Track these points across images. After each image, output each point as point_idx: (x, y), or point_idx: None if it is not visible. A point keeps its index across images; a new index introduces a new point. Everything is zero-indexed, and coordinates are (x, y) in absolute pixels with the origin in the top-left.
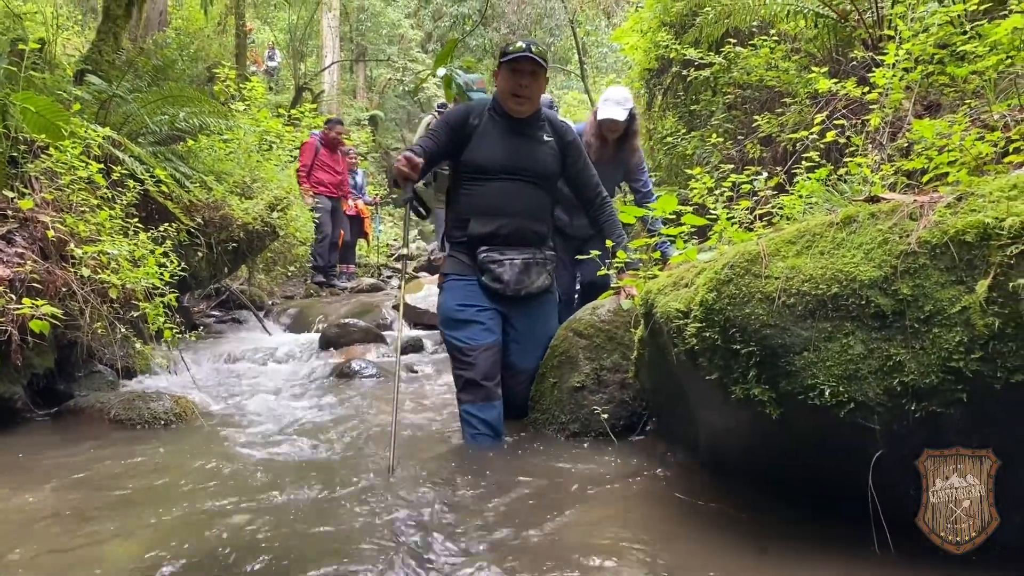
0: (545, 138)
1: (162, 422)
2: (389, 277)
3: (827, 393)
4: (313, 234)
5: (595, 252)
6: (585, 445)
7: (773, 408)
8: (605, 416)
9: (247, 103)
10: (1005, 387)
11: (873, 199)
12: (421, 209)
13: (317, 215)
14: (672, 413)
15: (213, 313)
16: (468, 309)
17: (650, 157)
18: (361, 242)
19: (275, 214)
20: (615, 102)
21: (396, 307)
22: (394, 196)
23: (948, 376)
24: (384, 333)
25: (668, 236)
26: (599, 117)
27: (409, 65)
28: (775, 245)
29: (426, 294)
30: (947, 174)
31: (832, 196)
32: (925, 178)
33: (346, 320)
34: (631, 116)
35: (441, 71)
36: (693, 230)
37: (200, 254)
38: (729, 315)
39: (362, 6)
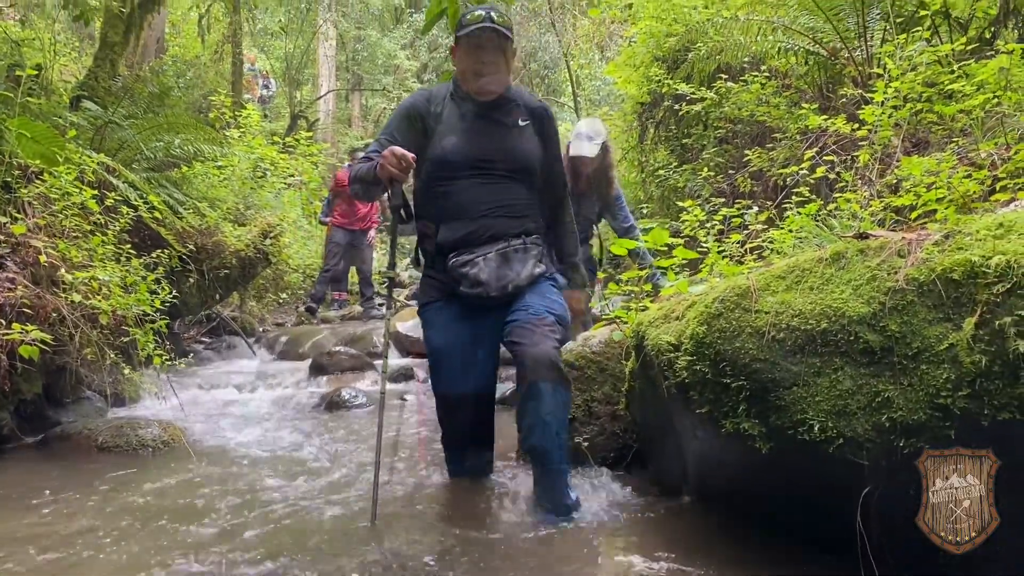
0: (520, 122)
1: (150, 449)
2: (381, 305)
3: (816, 428)
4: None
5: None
6: (576, 476)
7: (763, 442)
8: (586, 445)
9: (242, 130)
10: (992, 424)
11: (862, 235)
12: (404, 214)
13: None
14: (662, 445)
15: (203, 339)
16: (452, 347)
17: (642, 189)
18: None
19: (268, 241)
20: (585, 136)
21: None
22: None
23: (936, 413)
24: (375, 361)
25: (660, 268)
26: (570, 154)
27: (404, 95)
28: (765, 280)
29: (416, 322)
30: (935, 211)
31: (821, 232)
32: (914, 215)
33: (336, 348)
34: (604, 149)
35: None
36: (684, 262)
37: (191, 280)
38: (719, 349)
39: (359, 36)
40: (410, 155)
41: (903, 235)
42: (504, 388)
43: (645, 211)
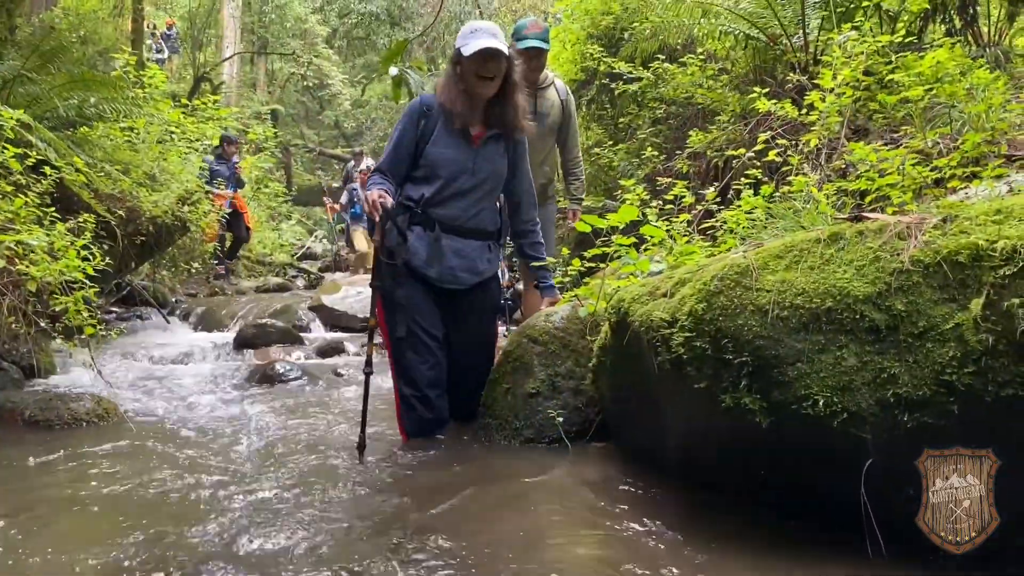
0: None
1: (83, 423)
2: (295, 277)
3: (820, 403)
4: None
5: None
6: (542, 449)
7: (763, 417)
8: (560, 420)
9: (147, 92)
10: (995, 400)
11: (857, 218)
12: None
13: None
14: (635, 420)
15: (113, 310)
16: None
17: None
18: (269, 237)
19: (186, 208)
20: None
21: (312, 308)
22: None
23: (941, 389)
24: (303, 335)
25: (621, 245)
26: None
27: (314, 60)
28: (763, 259)
29: (344, 295)
30: (888, 196)
31: (785, 213)
32: (867, 199)
33: (263, 320)
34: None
35: (392, 70)
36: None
37: (105, 247)
38: (721, 326)
39: None
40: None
41: (898, 218)
42: None
43: None
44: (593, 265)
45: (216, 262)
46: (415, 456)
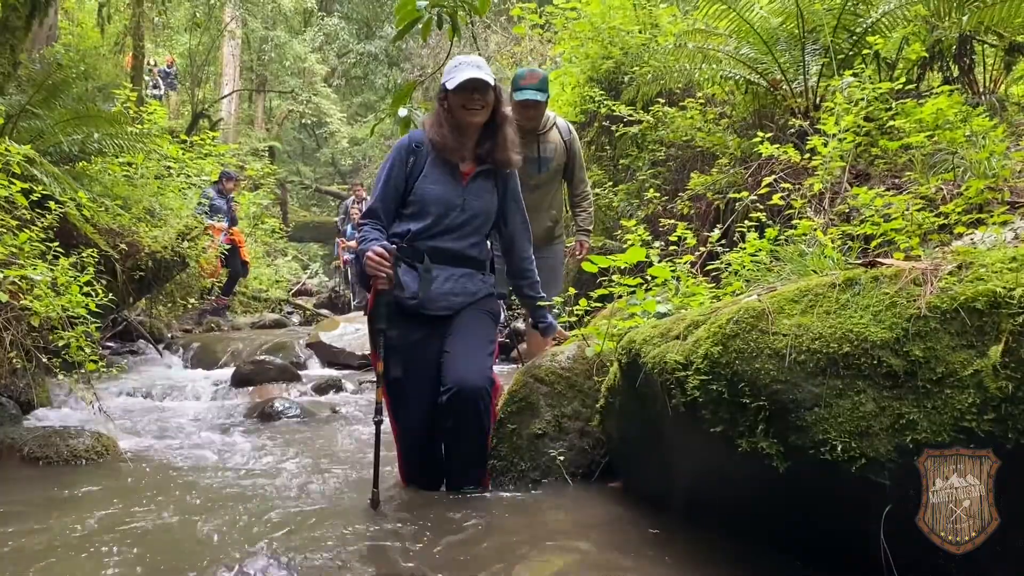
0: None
1: (83, 460)
2: (290, 313)
3: (838, 448)
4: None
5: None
6: (548, 491)
7: (780, 461)
8: (563, 461)
9: (147, 127)
10: (1015, 447)
11: (871, 263)
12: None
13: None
14: (643, 462)
15: (109, 345)
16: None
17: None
18: (265, 273)
19: (185, 243)
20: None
21: (310, 345)
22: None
23: (960, 435)
24: (301, 372)
25: (628, 287)
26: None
27: (312, 99)
28: (778, 303)
29: (341, 332)
30: (892, 241)
31: (792, 257)
32: (873, 244)
33: (261, 357)
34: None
35: (402, 111)
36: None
37: (104, 282)
38: (737, 369)
39: (266, 37)
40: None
41: (913, 264)
42: None
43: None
44: (600, 305)
45: (213, 298)
46: (417, 499)
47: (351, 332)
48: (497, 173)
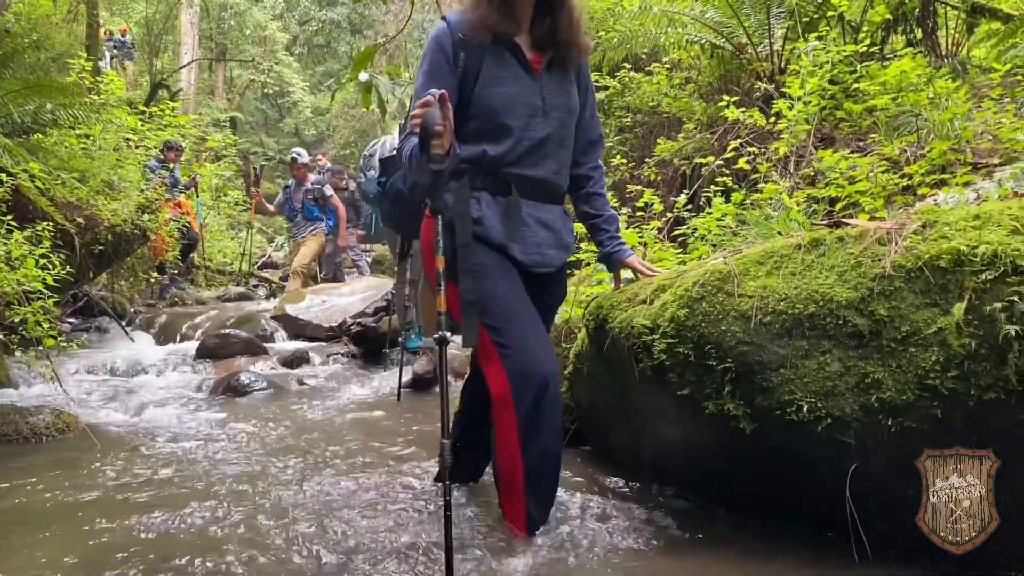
0: None
1: (44, 437)
2: (256, 286)
3: (804, 409)
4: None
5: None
6: None
7: (747, 423)
8: None
9: (103, 98)
10: (977, 403)
11: (836, 224)
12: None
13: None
14: (612, 428)
15: (70, 320)
16: None
17: None
18: (229, 246)
19: (146, 216)
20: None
21: (276, 318)
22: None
23: (924, 393)
24: (267, 345)
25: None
26: None
27: (274, 68)
28: (743, 265)
29: (308, 304)
30: (858, 203)
31: (758, 220)
32: (838, 206)
33: (227, 331)
34: None
35: (363, 76)
36: None
37: (63, 256)
38: (703, 332)
39: (225, 4)
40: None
41: (878, 224)
42: None
43: None
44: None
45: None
46: (394, 457)
47: (317, 304)
48: (568, 60)
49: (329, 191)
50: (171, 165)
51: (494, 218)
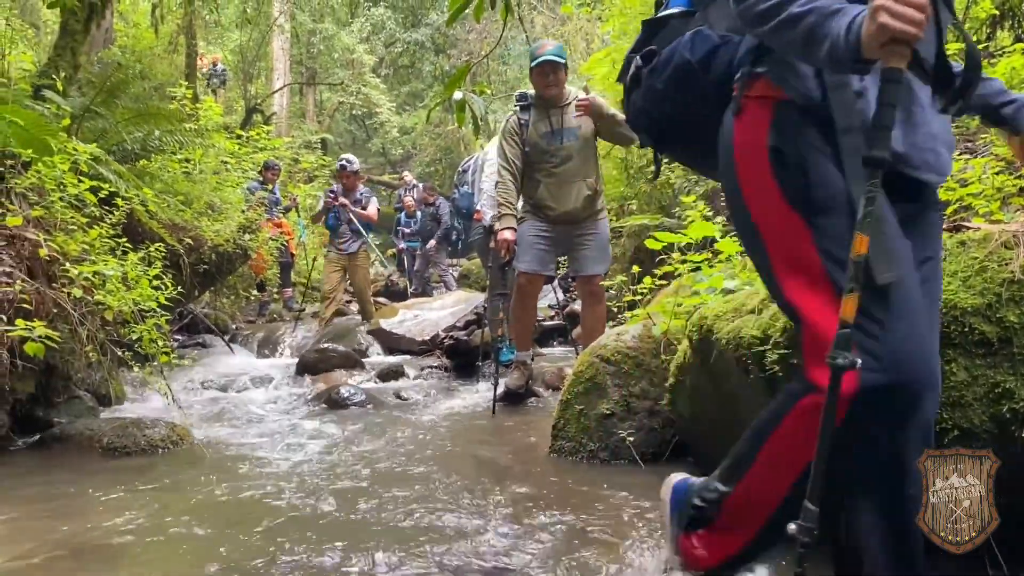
0: None
1: (159, 450)
2: (348, 302)
3: None
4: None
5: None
6: (620, 471)
7: None
8: (632, 440)
9: (203, 124)
10: None
11: (956, 227)
12: None
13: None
14: (717, 441)
15: (176, 337)
16: None
17: (630, 185)
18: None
19: (247, 236)
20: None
21: (371, 332)
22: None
23: None
24: (364, 360)
25: (694, 262)
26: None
27: (362, 90)
28: None
29: (401, 319)
30: (970, 206)
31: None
32: (949, 209)
33: (325, 345)
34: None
35: (456, 95)
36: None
37: (171, 276)
38: None
39: (314, 30)
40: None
41: (1003, 227)
42: None
43: (633, 207)
44: (664, 283)
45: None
46: (493, 478)
47: (410, 318)
48: None
49: (375, 204)
50: (270, 186)
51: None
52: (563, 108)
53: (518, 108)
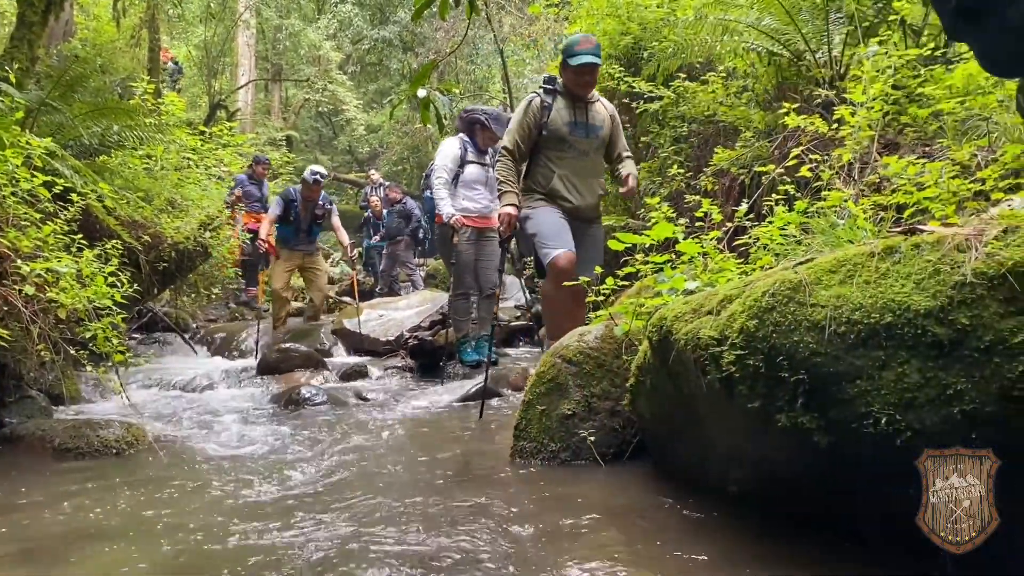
0: None
1: (113, 451)
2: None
3: (883, 421)
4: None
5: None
6: (579, 472)
7: (822, 436)
8: (593, 440)
9: (164, 119)
10: None
11: (910, 230)
12: None
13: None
14: (676, 441)
15: (134, 336)
16: None
17: None
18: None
19: (207, 234)
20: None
21: (335, 332)
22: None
23: (1010, 404)
24: (327, 359)
25: (656, 263)
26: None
27: (328, 87)
28: (815, 274)
29: (365, 319)
30: (926, 210)
31: (823, 228)
32: (906, 213)
33: (286, 345)
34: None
35: (421, 92)
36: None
37: (129, 274)
38: (775, 343)
39: (280, 26)
40: None
41: (956, 230)
42: None
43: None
44: (626, 283)
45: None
46: (451, 478)
47: (375, 318)
48: None
49: (336, 214)
50: (260, 181)
51: None
52: (588, 104)
53: (542, 91)
